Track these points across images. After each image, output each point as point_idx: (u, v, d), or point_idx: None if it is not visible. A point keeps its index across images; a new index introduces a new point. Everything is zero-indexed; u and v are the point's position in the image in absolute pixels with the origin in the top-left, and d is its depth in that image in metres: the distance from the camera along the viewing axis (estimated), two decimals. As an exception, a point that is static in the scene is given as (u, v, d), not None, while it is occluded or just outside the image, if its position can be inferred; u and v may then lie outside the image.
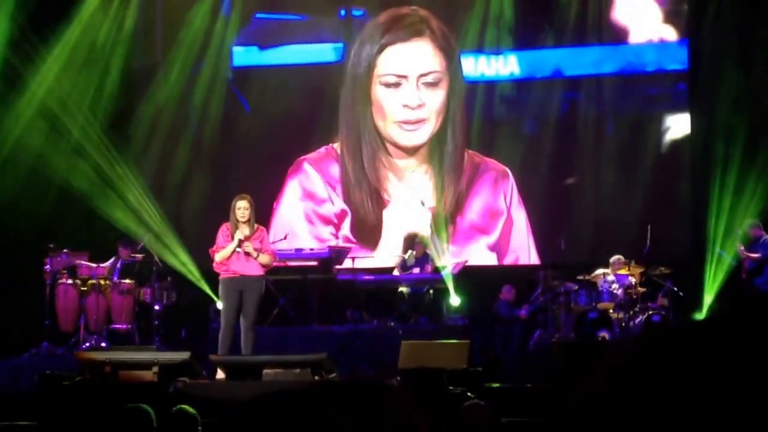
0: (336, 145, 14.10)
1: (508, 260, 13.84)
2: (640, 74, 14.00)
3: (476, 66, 14.26)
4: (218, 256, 9.83)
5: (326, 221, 13.93)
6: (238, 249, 9.72)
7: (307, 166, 14.07)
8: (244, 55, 14.72)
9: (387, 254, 13.44)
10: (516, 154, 13.99)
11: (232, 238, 9.77)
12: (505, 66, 14.21)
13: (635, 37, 13.93)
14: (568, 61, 14.12)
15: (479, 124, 14.12)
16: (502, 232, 13.78)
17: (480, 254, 13.74)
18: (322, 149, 14.15)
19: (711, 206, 12.84)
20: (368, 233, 13.82)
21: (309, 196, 14.04)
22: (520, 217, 13.83)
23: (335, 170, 14.07)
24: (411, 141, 13.87)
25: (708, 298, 12.24)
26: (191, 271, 12.46)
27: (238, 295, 9.79)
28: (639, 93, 13.96)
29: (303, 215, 13.98)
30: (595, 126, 13.87)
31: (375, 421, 1.55)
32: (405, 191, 13.56)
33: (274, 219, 13.83)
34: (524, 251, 13.71)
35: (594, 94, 13.95)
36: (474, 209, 13.84)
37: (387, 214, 13.58)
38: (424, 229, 13.29)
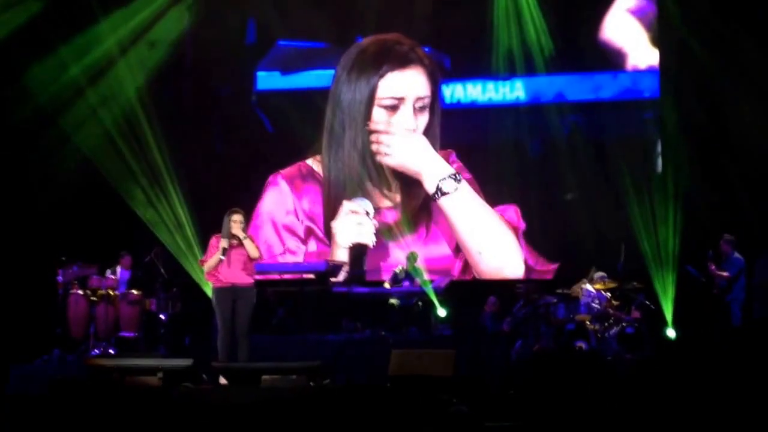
0: (309, 161, 14.03)
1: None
2: (638, 100, 14.05)
3: (484, 91, 14.36)
4: (206, 267, 9.87)
5: (291, 232, 13.86)
6: (222, 257, 9.76)
7: (279, 180, 14.04)
8: (266, 80, 14.86)
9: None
10: (518, 175, 13.96)
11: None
12: (511, 92, 14.29)
13: (632, 64, 14.00)
14: (570, 87, 14.18)
15: (486, 146, 14.15)
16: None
17: (447, 257, 13.64)
18: (295, 166, 14.10)
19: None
20: None
21: (278, 205, 13.96)
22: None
23: (307, 185, 13.99)
24: None
25: (668, 314, 12.28)
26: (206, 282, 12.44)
27: (230, 303, 9.79)
28: (636, 117, 13.99)
29: (271, 224, 13.91)
30: (594, 148, 13.83)
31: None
32: (353, 203, 13.35)
33: (250, 227, 13.81)
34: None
35: (593, 118, 13.96)
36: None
37: (334, 225, 13.42)
38: (369, 239, 13.11)
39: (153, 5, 14.08)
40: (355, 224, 13.05)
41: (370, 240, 13.05)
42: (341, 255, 13.08)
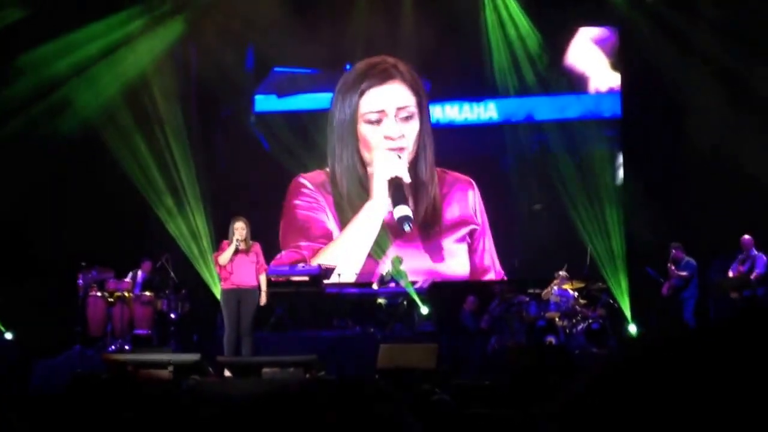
0: (328, 169, 14.22)
1: (476, 260, 13.85)
2: (600, 119, 14.29)
3: (461, 111, 14.53)
4: (221, 259, 9.95)
5: (319, 209, 14.02)
6: (237, 244, 9.86)
7: (302, 180, 14.33)
8: (264, 102, 15.11)
9: (378, 203, 13.58)
10: (491, 187, 14.16)
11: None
12: (485, 112, 14.43)
13: (594, 87, 14.17)
14: (538, 107, 14.37)
15: (464, 161, 14.32)
16: (473, 237, 13.85)
17: (455, 258, 13.75)
18: (317, 171, 14.37)
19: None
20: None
21: (304, 198, 14.16)
22: (486, 224, 13.98)
23: (326, 186, 14.19)
24: None
25: (626, 311, 12.40)
26: (215, 284, 12.50)
27: (236, 304, 9.90)
28: (598, 134, 14.15)
29: (301, 212, 14.10)
30: (559, 163, 13.96)
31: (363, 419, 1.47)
32: (383, 151, 13.58)
33: (281, 222, 13.95)
34: (491, 254, 13.77)
35: (559, 135, 14.11)
36: (447, 217, 13.89)
37: (371, 170, 13.65)
38: (404, 173, 13.39)
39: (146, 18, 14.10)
40: (389, 165, 13.35)
41: (405, 175, 13.30)
42: (381, 190, 13.40)
